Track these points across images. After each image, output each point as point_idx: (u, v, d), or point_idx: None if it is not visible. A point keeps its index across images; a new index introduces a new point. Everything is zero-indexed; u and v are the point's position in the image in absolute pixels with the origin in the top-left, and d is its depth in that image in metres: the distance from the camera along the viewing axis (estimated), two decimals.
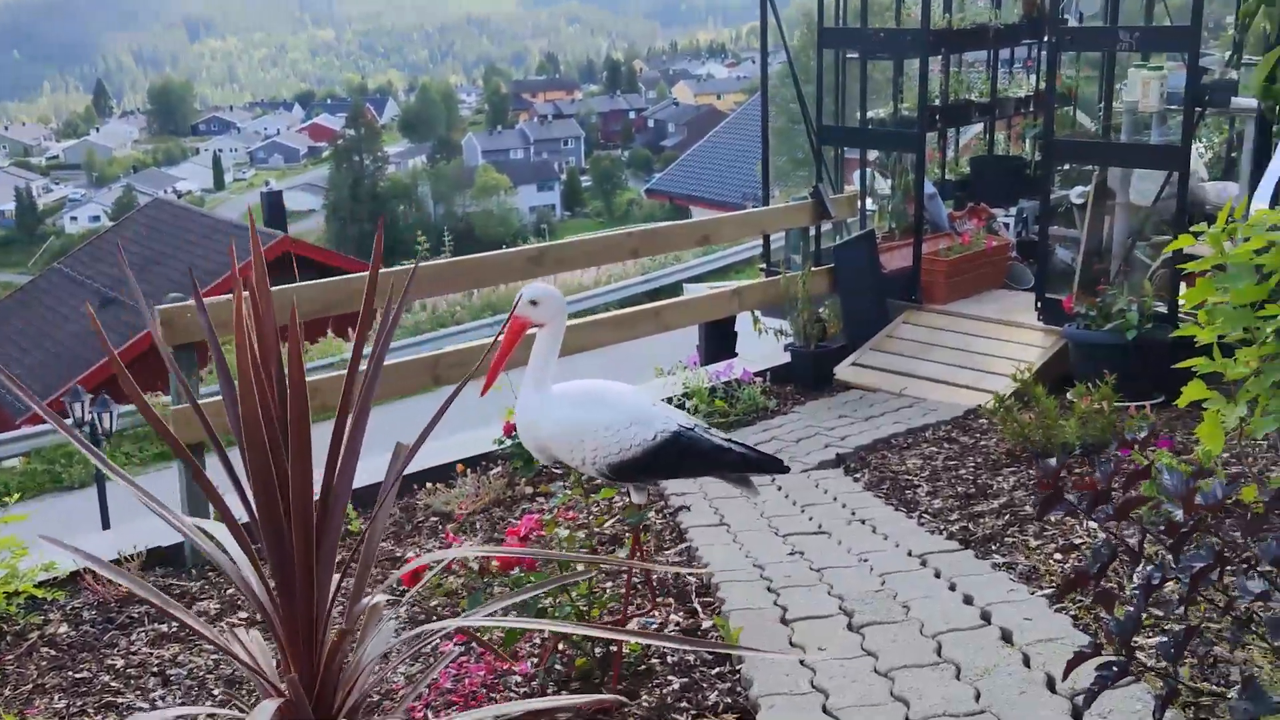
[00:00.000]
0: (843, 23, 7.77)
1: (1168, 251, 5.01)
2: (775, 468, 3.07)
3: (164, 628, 3.91)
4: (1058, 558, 3.55)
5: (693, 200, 30.20)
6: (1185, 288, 6.08)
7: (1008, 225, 8.43)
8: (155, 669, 3.55)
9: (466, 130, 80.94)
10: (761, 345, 7.26)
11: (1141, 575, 2.04)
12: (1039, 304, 6.75)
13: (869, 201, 7.88)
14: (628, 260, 17.36)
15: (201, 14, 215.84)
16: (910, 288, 7.32)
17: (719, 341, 7.74)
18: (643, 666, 3.12)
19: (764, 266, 8.39)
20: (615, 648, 3.13)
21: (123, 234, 26.34)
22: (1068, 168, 8.00)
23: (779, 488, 4.91)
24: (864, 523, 4.28)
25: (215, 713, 2.69)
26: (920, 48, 7.26)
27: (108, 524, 11.03)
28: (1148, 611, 2.68)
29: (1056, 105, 7.05)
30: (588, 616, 3.23)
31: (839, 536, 4.11)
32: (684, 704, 2.89)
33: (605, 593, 3.80)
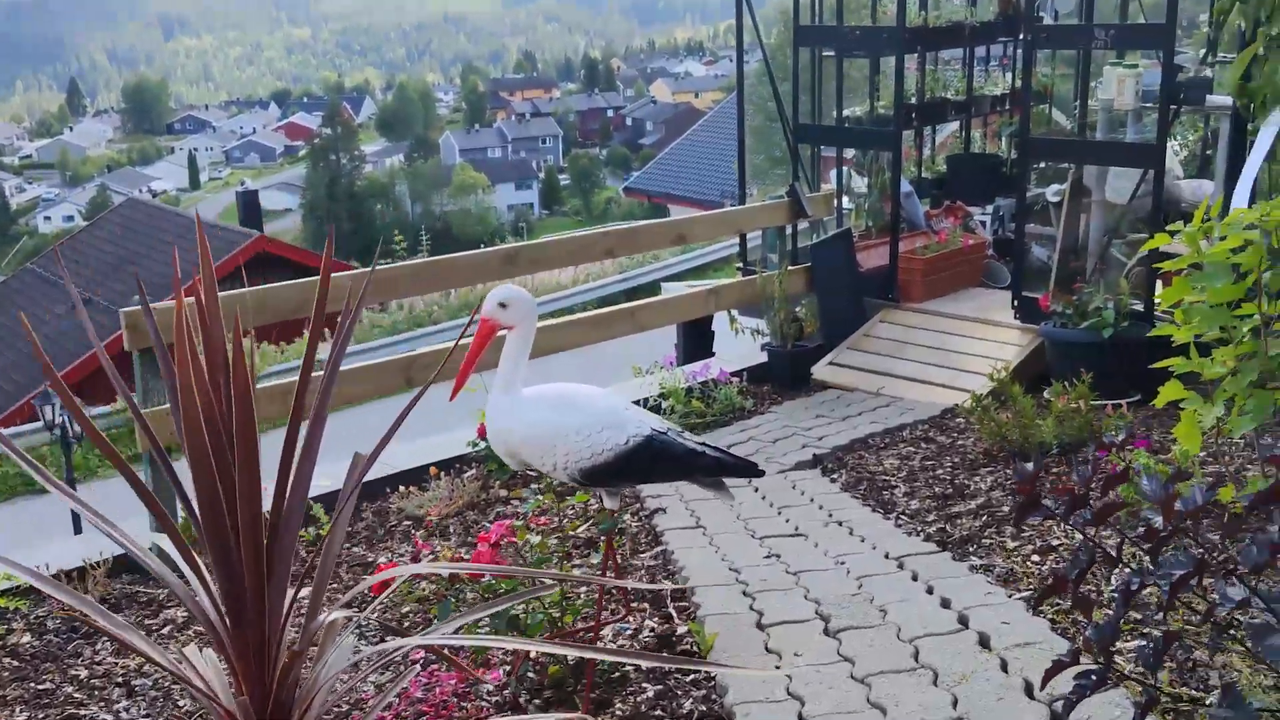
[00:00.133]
0: (819, 20, 7.74)
1: (1144, 250, 5.00)
2: (750, 472, 3.03)
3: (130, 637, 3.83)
4: (1035, 559, 3.52)
5: (671, 199, 30.16)
6: (1161, 286, 6.08)
7: (984, 223, 8.42)
8: (120, 679, 3.48)
9: (444, 129, 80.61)
10: (738, 345, 7.22)
11: (1120, 580, 2.00)
12: (1015, 302, 6.74)
13: (846, 200, 7.85)
14: (603, 260, 17.29)
15: (176, 12, 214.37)
16: (887, 286, 7.30)
17: (696, 341, 7.70)
18: (616, 674, 3.07)
19: (741, 266, 8.35)
20: (589, 660, 3.09)
21: (97, 234, 26.13)
22: (1044, 166, 7.99)
23: (756, 489, 4.87)
24: (841, 524, 4.25)
25: None
26: (896, 45, 7.23)
27: (79, 528, 10.89)
28: (1126, 616, 2.65)
29: (1032, 103, 7.04)
30: (561, 623, 3.19)
31: (816, 539, 4.08)
32: (658, 712, 2.84)
33: (579, 597, 3.76)
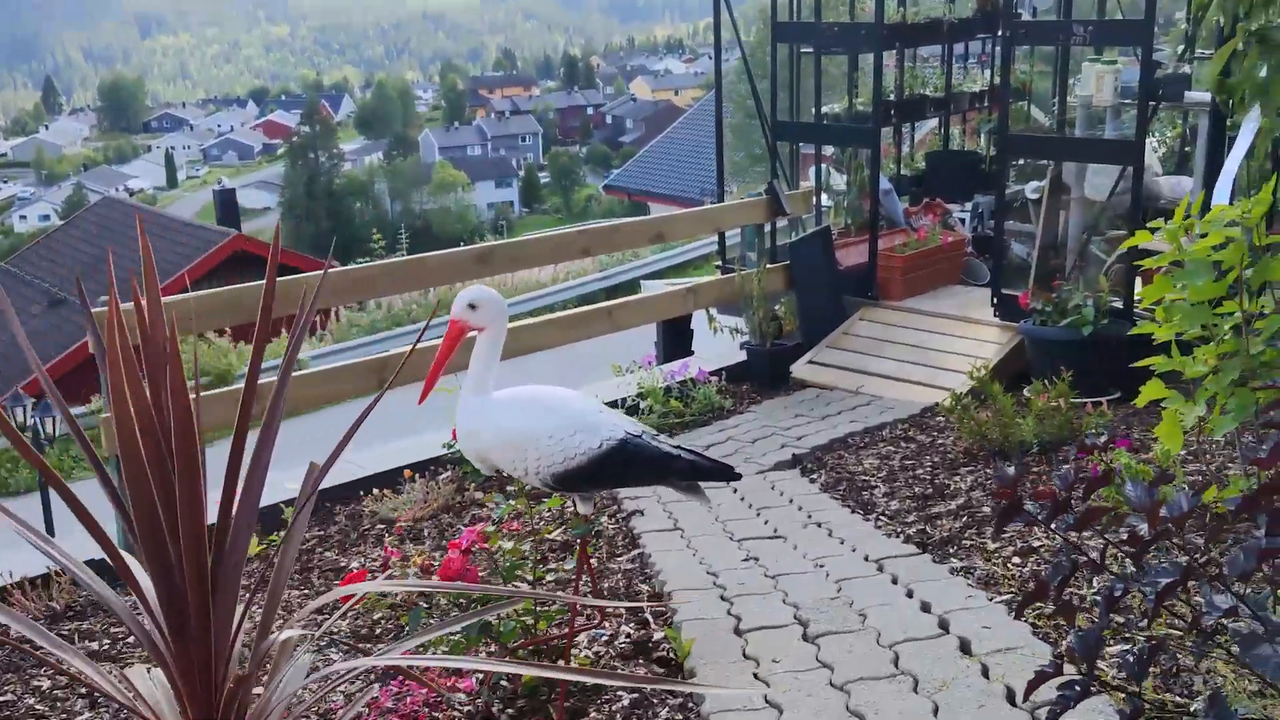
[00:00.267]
0: (797, 17, 7.69)
1: (1124, 248, 4.97)
2: (726, 476, 2.96)
3: (95, 645, 3.75)
4: (1016, 561, 3.47)
5: (651, 196, 30.10)
6: (1141, 283, 6.06)
7: (963, 221, 8.39)
8: (83, 690, 3.39)
9: (423, 127, 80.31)
10: (717, 344, 7.17)
11: (1104, 587, 1.95)
12: (995, 300, 6.71)
13: (824, 197, 7.80)
14: (579, 259, 17.19)
15: (153, 10, 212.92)
16: (866, 284, 7.25)
17: (676, 340, 7.65)
18: (591, 682, 3.00)
19: (720, 264, 8.30)
20: (563, 661, 3.03)
21: (72, 233, 25.88)
22: (1022, 162, 7.97)
23: (734, 490, 4.82)
24: (820, 526, 4.20)
25: None
26: (874, 42, 7.19)
27: (52, 532, 10.76)
28: (1109, 623, 2.60)
29: (1011, 100, 7.01)
30: (535, 629, 3.12)
31: (795, 541, 4.02)
32: None
33: (554, 602, 3.69)
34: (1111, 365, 5.77)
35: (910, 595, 3.26)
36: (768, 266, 7.02)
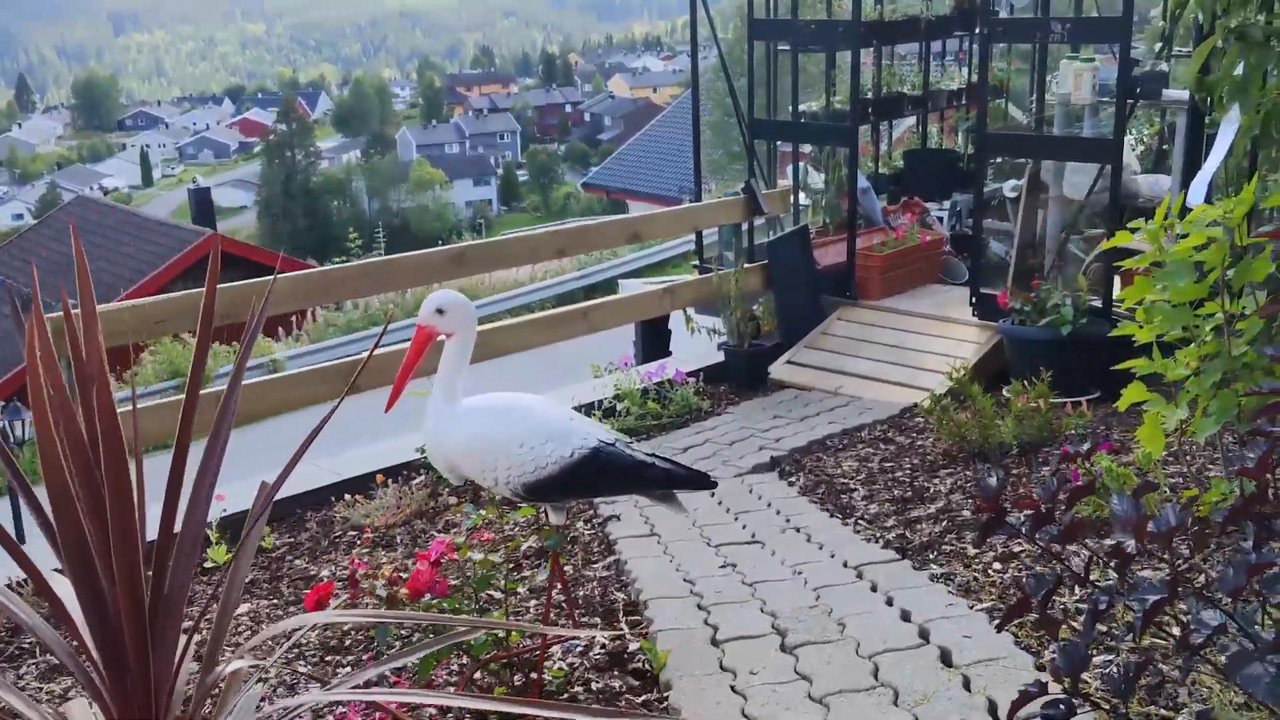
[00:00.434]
0: (774, 14, 7.63)
1: (1104, 248, 4.93)
2: (701, 484, 2.90)
3: (54, 659, 3.66)
4: (997, 568, 3.42)
5: (629, 194, 30.05)
6: (1119, 282, 6.03)
7: (941, 219, 8.36)
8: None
9: (401, 125, 79.96)
10: (695, 344, 7.10)
11: (1089, 599, 1.90)
12: (974, 299, 6.67)
13: (802, 196, 7.75)
14: (555, 260, 17.10)
15: (127, 7, 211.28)
16: (845, 284, 7.20)
17: (655, 340, 7.58)
18: (565, 695, 2.94)
19: (697, 264, 8.24)
20: (535, 674, 2.96)
21: (45, 232, 25.58)
22: (1000, 161, 7.94)
23: (712, 494, 4.75)
24: (799, 531, 4.14)
25: None
26: (851, 39, 7.13)
27: (22, 538, 10.60)
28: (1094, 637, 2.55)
29: (988, 98, 6.97)
30: (508, 641, 3.05)
31: (773, 546, 3.96)
32: None
33: (528, 610, 3.62)
34: (1091, 365, 5.75)
35: (890, 603, 3.20)
36: (745, 266, 6.96)
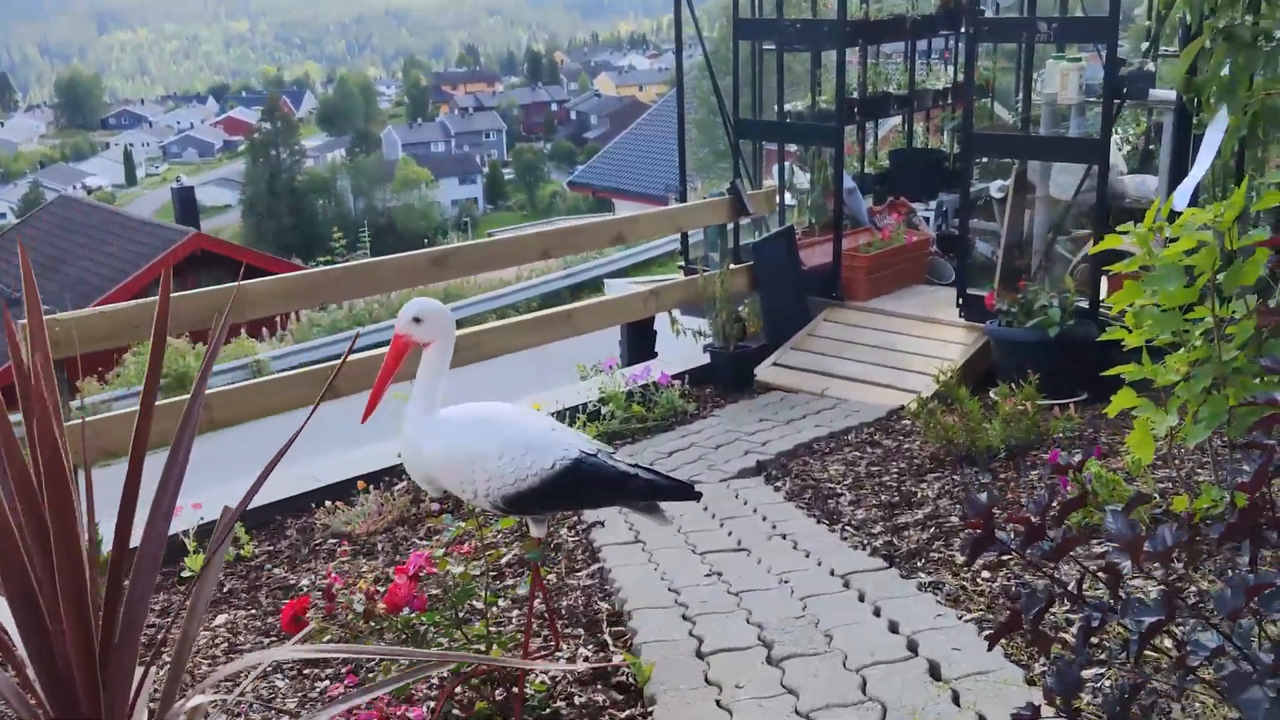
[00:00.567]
0: (759, 14, 7.58)
1: (1094, 251, 4.89)
2: (685, 495, 2.84)
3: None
4: (985, 576, 3.37)
5: (616, 193, 30.00)
6: (1106, 282, 5.99)
7: (927, 219, 8.32)
8: None
9: (386, 123, 79.68)
10: (681, 346, 7.05)
11: (1081, 617, 1.85)
12: (960, 300, 6.63)
13: (788, 196, 7.70)
14: (538, 261, 17.00)
15: (110, 5, 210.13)
16: (831, 284, 7.16)
17: (641, 341, 7.52)
18: (547, 710, 2.88)
19: (683, 264, 8.19)
20: (517, 689, 2.90)
21: (27, 232, 25.38)
22: (987, 160, 7.90)
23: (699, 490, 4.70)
24: (785, 537, 4.08)
25: None
26: (837, 39, 7.09)
27: None
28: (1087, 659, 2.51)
29: (974, 97, 6.93)
30: (487, 655, 2.99)
31: (759, 554, 3.91)
32: None
33: (510, 622, 3.56)
34: (1078, 366, 5.71)
35: (878, 614, 3.15)
36: (731, 267, 6.91)
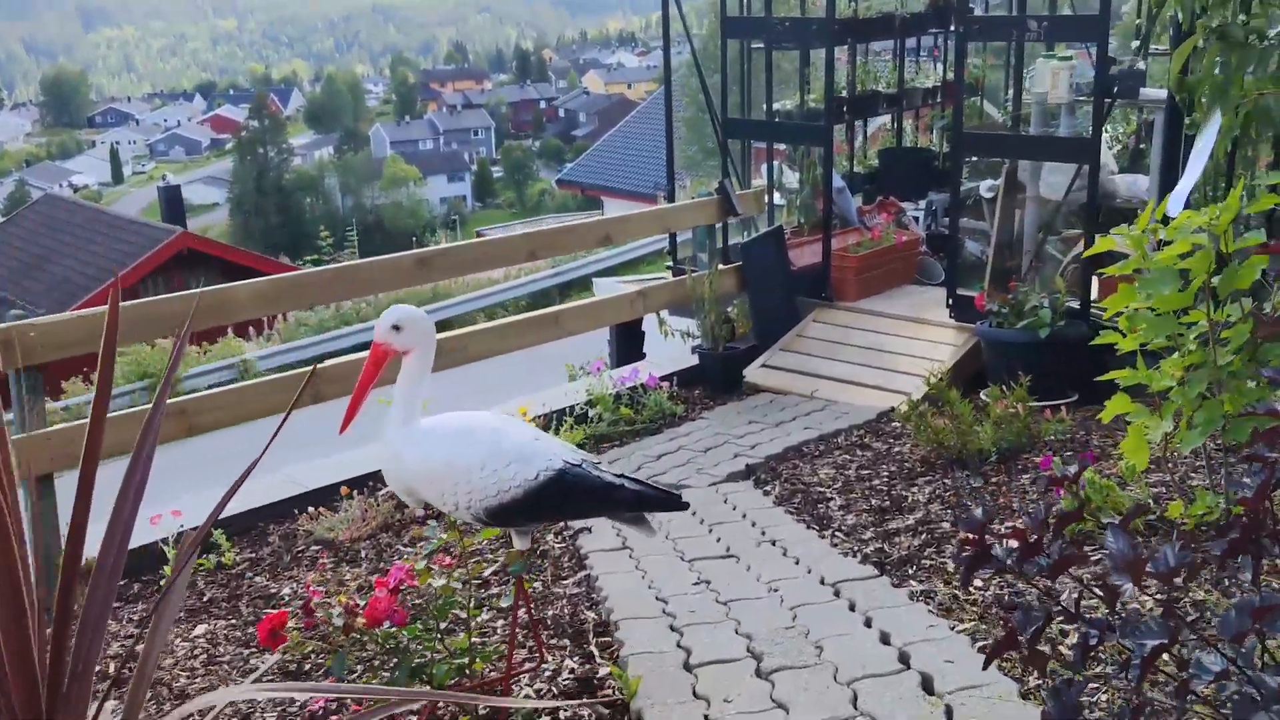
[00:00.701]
0: (747, 12, 7.51)
1: (1086, 255, 4.84)
2: (673, 505, 2.78)
3: None
4: (978, 584, 3.32)
5: (604, 191, 29.92)
6: (1097, 283, 5.95)
7: (917, 219, 8.27)
8: None
9: (374, 121, 79.43)
10: (670, 347, 6.99)
11: (1078, 635, 1.79)
12: (950, 301, 6.57)
13: (777, 196, 7.64)
14: (525, 262, 16.91)
15: (96, 2, 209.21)
16: (820, 285, 7.10)
17: (630, 342, 7.46)
18: None
19: (671, 265, 8.13)
20: (501, 706, 2.84)
21: (13, 231, 25.21)
22: (976, 159, 7.85)
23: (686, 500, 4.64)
24: (774, 544, 4.03)
25: None
26: (825, 37, 7.03)
27: None
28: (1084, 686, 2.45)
29: (964, 95, 6.88)
30: (470, 670, 2.93)
31: (748, 561, 3.85)
32: None
33: (494, 632, 3.50)
34: (1069, 367, 5.66)
35: (869, 624, 3.09)
36: (720, 267, 6.85)
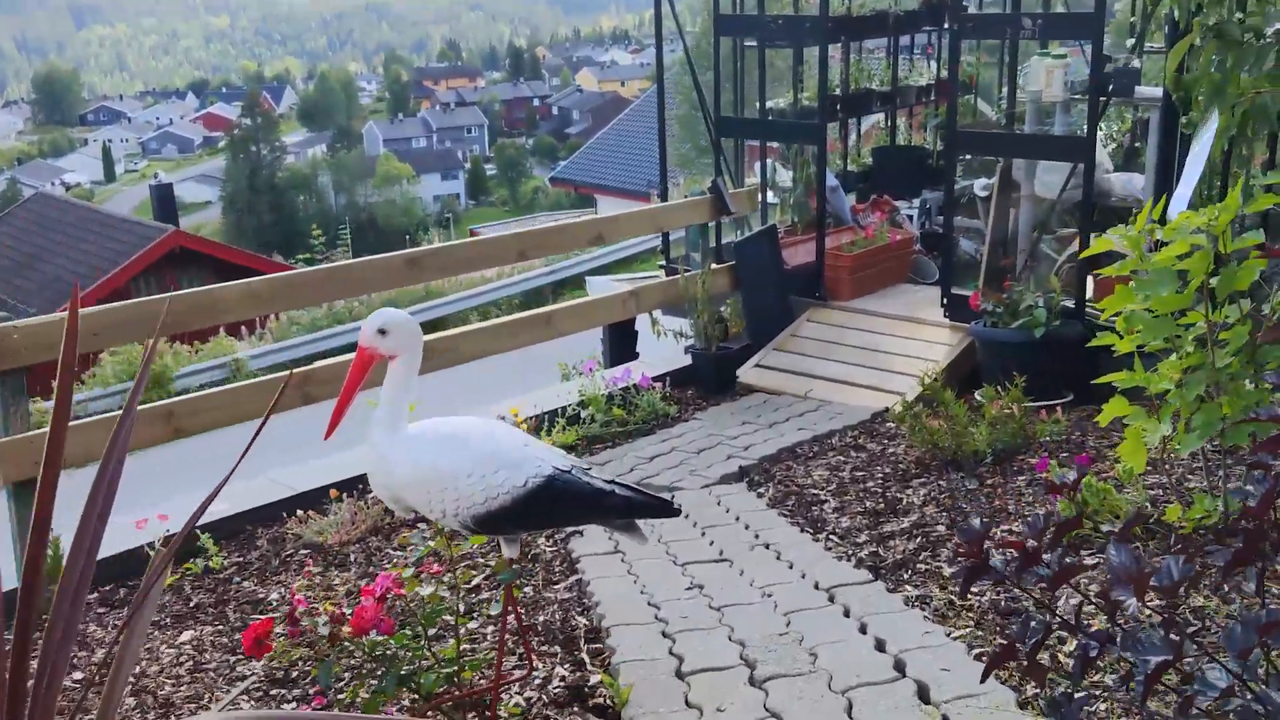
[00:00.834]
0: (740, 9, 7.47)
1: (1083, 256, 4.80)
2: (664, 512, 2.73)
3: None
4: (974, 590, 3.28)
5: (598, 188, 29.87)
6: (1092, 283, 5.91)
7: (911, 217, 8.23)
8: None
9: (367, 119, 79.25)
10: (662, 347, 6.94)
11: (1078, 646, 1.75)
12: (945, 300, 6.54)
13: (770, 194, 7.59)
14: (516, 262, 16.83)
15: (88, 0, 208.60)
16: (814, 284, 7.06)
17: (623, 341, 7.42)
18: None
19: (663, 264, 8.08)
20: (490, 714, 2.79)
21: (3, 229, 25.10)
22: (970, 157, 7.81)
23: (679, 505, 4.59)
24: (768, 548, 3.98)
25: None
26: (819, 35, 6.99)
27: None
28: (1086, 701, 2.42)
29: (958, 93, 6.84)
30: (458, 679, 2.88)
31: (741, 565, 3.81)
32: None
33: (483, 639, 3.45)
34: (1064, 367, 5.63)
35: (864, 631, 3.05)
36: (713, 267, 6.80)
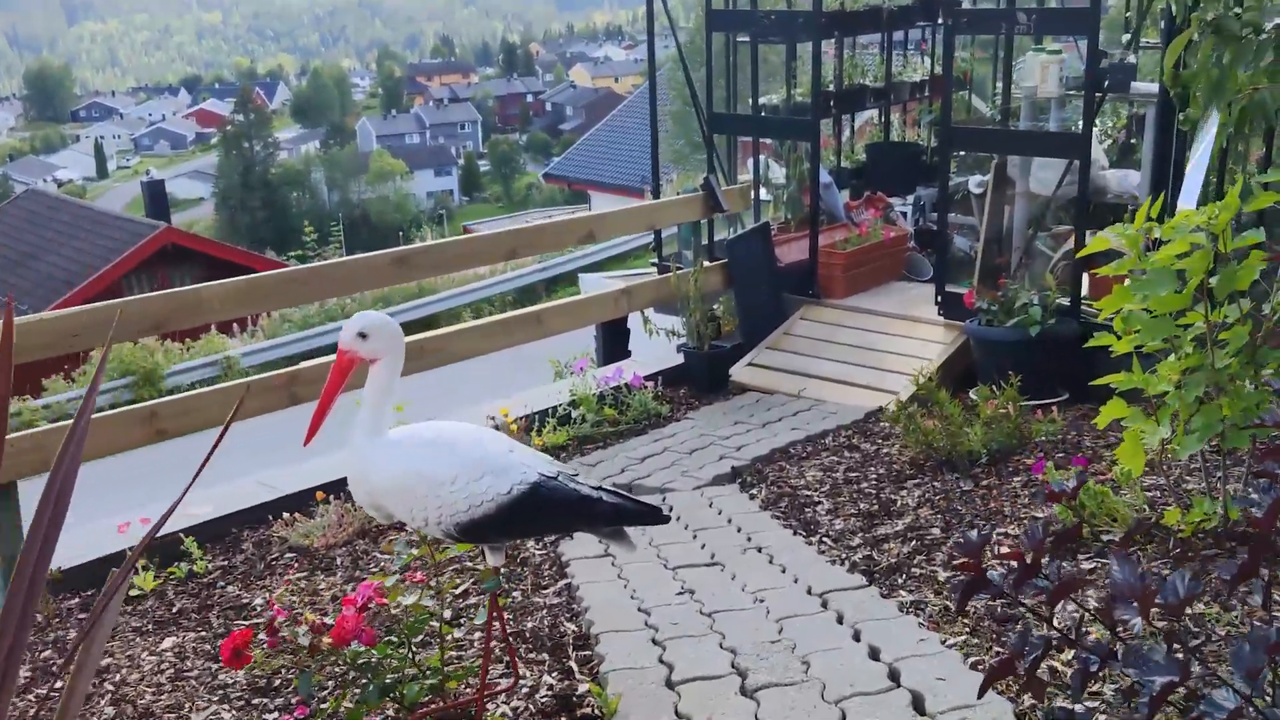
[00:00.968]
0: (733, 4, 7.40)
1: (1081, 255, 4.74)
2: (653, 519, 2.67)
3: None
4: None
5: (592, 185, 29.77)
6: (1088, 280, 5.86)
7: (905, 214, 8.17)
8: None
9: (360, 115, 79.09)
10: (655, 345, 6.89)
11: (1078, 659, 1.70)
12: (939, 298, 6.48)
13: (763, 191, 7.53)
14: (506, 260, 16.71)
15: None
16: (807, 282, 7.00)
17: (616, 339, 7.35)
18: None
19: (655, 262, 8.02)
20: None
21: None
22: (964, 154, 7.75)
23: (670, 508, 4.53)
24: (760, 551, 3.92)
25: None
26: (812, 30, 6.92)
27: None
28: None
29: (952, 89, 6.78)
30: (444, 689, 2.82)
31: (733, 569, 3.75)
32: None
33: (471, 646, 3.39)
34: (1060, 366, 5.58)
35: (857, 638, 2.99)
36: (705, 264, 6.74)
